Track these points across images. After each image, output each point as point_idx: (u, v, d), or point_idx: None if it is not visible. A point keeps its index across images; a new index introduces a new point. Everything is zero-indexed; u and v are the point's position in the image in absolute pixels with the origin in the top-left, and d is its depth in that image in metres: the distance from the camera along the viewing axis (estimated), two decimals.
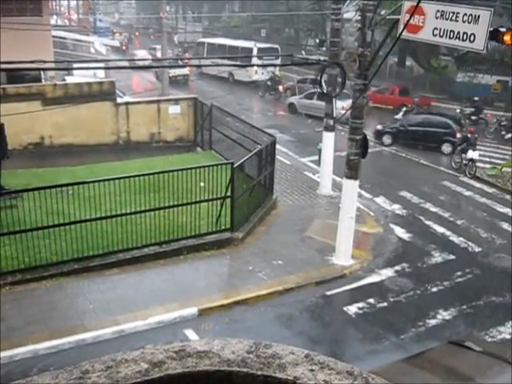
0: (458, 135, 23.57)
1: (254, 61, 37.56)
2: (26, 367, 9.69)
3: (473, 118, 28.98)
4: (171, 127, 23.42)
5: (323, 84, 15.73)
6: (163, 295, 12.18)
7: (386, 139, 25.51)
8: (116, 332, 10.93)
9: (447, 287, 13.47)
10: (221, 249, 14.42)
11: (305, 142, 25.59)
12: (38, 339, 10.45)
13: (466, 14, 10.86)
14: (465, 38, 10.93)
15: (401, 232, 16.46)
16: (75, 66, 25.38)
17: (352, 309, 12.43)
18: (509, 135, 26.69)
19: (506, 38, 10.78)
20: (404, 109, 29.66)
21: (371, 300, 12.77)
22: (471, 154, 21.42)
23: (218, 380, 1.37)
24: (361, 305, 12.58)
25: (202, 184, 14.58)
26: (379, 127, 26.13)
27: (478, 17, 10.69)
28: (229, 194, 14.48)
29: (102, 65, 27.40)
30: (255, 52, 39.13)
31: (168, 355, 1.41)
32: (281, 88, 35.66)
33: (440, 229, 16.70)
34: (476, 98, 30.43)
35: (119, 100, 23.39)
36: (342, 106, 25.08)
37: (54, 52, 26.91)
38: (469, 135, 21.95)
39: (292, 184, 19.83)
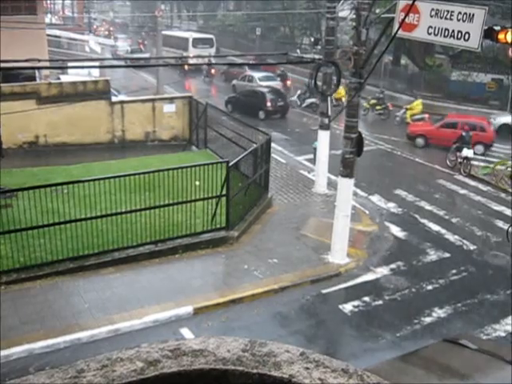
0: (268, 104, 29.14)
1: (191, 49, 43.94)
2: (21, 367, 9.67)
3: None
4: (166, 126, 23.41)
5: (317, 82, 15.74)
6: (159, 294, 12.17)
7: (229, 107, 29.99)
8: (111, 331, 10.92)
9: (442, 285, 13.51)
10: (216, 247, 14.42)
11: (300, 140, 25.63)
12: (34, 338, 10.43)
13: (460, 13, 10.88)
14: (459, 36, 10.96)
15: (396, 230, 16.49)
16: (70, 64, 25.28)
17: (347, 307, 12.45)
18: (304, 104, 31.49)
19: (501, 36, 10.80)
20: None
21: (366, 298, 12.80)
22: (466, 152, 21.47)
23: (214, 378, 1.37)
24: (356, 303, 12.60)
25: (197, 183, 14.57)
26: (226, 97, 31.32)
27: (473, 15, 10.71)
28: (224, 192, 14.47)
29: (96, 63, 27.35)
30: (191, 42, 45.07)
31: (163, 354, 1.41)
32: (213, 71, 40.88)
33: (435, 227, 16.74)
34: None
35: (114, 99, 23.37)
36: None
37: (49, 51, 26.84)
38: (463, 133, 22.00)
39: (287, 182, 19.84)
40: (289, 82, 36.82)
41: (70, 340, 10.56)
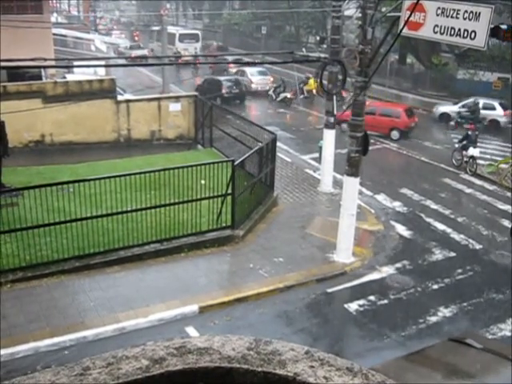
0: (223, 91, 32.08)
1: (178, 44, 47.34)
2: (27, 364, 9.71)
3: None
4: (172, 125, 23.42)
5: (323, 81, 15.72)
6: (164, 292, 12.19)
7: (200, 93, 30.04)
8: (117, 329, 10.95)
9: (448, 284, 13.48)
10: (221, 246, 14.42)
11: (305, 138, 25.62)
12: (39, 337, 10.47)
13: (466, 11, 10.85)
14: (465, 35, 10.92)
15: (402, 229, 16.46)
16: (75, 63, 25.35)
17: (353, 306, 12.44)
18: (279, 98, 33.39)
19: (507, 35, 10.76)
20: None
21: (372, 297, 12.78)
22: (472, 151, 21.40)
23: (219, 376, 1.38)
24: (361, 302, 12.59)
25: (202, 182, 14.59)
26: (196, 84, 33.96)
27: (479, 14, 10.67)
28: (229, 191, 14.47)
29: (102, 62, 27.41)
30: (177, 37, 48.36)
31: (168, 352, 1.42)
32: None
33: (441, 226, 16.70)
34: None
35: (120, 97, 23.37)
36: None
37: (55, 50, 26.91)
38: (469, 132, 21.92)
39: (293, 181, 19.82)
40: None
41: (76, 338, 10.59)
